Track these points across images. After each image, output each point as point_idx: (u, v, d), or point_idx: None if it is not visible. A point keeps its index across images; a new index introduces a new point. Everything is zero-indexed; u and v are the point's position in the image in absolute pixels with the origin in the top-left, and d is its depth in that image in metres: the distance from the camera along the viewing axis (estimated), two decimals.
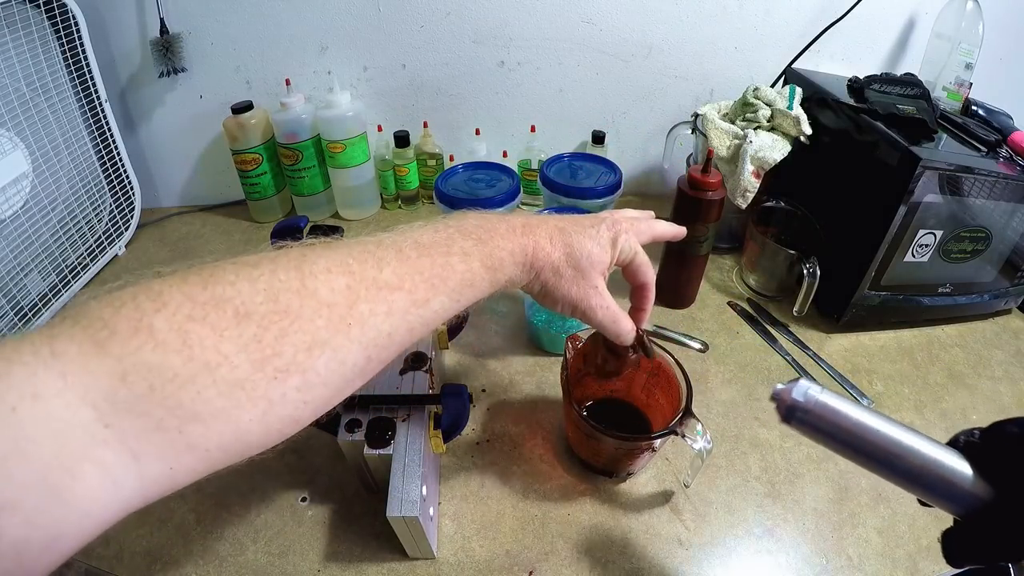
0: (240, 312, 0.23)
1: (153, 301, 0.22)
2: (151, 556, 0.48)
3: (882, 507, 0.52)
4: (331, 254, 0.27)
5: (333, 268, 0.26)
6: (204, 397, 0.21)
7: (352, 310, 0.26)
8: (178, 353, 0.21)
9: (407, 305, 0.28)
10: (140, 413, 0.20)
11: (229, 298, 0.23)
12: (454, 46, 0.86)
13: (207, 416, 0.21)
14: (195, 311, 0.22)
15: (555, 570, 0.47)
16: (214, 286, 0.23)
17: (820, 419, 0.30)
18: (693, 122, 0.82)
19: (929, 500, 0.30)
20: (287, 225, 0.53)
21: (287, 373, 0.23)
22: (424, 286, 0.29)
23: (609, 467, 0.53)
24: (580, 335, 0.53)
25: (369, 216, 0.94)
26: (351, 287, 0.26)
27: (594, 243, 0.37)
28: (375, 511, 0.50)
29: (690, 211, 0.66)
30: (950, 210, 0.63)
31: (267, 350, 0.23)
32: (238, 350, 0.22)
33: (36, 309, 0.71)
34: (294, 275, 0.25)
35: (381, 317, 0.27)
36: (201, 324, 0.22)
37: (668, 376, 0.52)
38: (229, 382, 0.22)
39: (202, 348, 0.21)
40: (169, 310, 0.22)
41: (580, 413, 0.48)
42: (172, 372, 0.21)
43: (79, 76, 0.76)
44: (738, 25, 0.84)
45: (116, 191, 0.85)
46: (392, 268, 0.28)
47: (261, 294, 0.24)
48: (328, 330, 0.25)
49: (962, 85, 0.76)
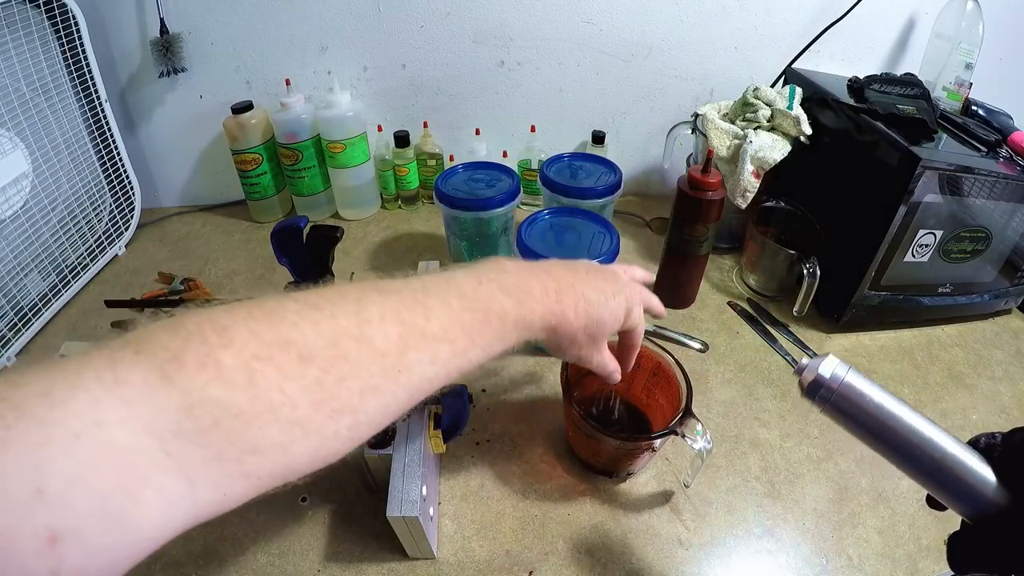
0: (304, 355, 0.24)
1: (220, 336, 0.23)
2: (151, 556, 0.48)
3: (882, 507, 0.52)
4: (384, 301, 0.29)
5: (387, 316, 0.28)
6: (265, 432, 0.22)
7: (402, 358, 0.28)
8: (245, 391, 0.22)
9: (449, 355, 0.30)
10: (202, 444, 0.21)
11: (293, 340, 0.24)
12: (454, 46, 0.86)
13: (265, 449, 0.22)
14: (261, 351, 0.23)
15: (555, 570, 0.47)
16: (279, 326, 0.24)
17: (843, 399, 0.29)
18: (693, 122, 0.82)
19: (942, 498, 0.29)
20: (287, 225, 0.53)
21: (341, 414, 0.25)
22: (464, 339, 0.31)
23: (609, 467, 0.53)
24: None
25: (369, 216, 0.94)
26: (402, 336, 0.28)
27: (610, 316, 0.40)
28: (375, 511, 0.50)
29: (690, 211, 0.66)
30: (950, 210, 0.63)
31: (326, 393, 0.24)
32: (300, 391, 0.23)
33: (36, 309, 0.71)
34: (353, 321, 0.27)
35: (426, 365, 0.29)
36: (267, 364, 0.23)
37: (668, 376, 0.52)
38: (290, 420, 0.23)
39: (267, 388, 0.22)
40: (236, 347, 0.23)
41: (580, 413, 0.48)
42: (238, 409, 0.22)
43: (79, 76, 0.76)
44: (738, 25, 0.84)
45: (116, 191, 0.85)
46: (439, 320, 0.30)
47: (324, 338, 0.25)
48: (381, 377, 0.27)
49: (962, 85, 0.76)
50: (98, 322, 0.72)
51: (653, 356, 0.54)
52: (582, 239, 0.62)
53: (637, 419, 0.57)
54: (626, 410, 0.58)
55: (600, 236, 0.63)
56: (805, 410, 0.62)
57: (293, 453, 0.23)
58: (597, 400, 0.59)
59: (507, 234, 0.75)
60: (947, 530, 0.30)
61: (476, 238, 0.74)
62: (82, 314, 0.74)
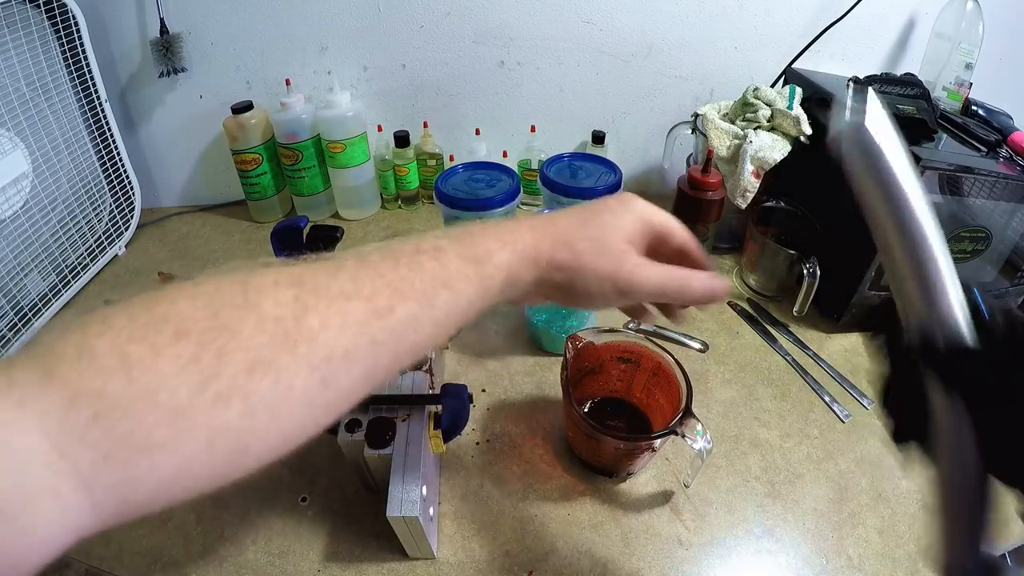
0: (180, 330, 0.21)
1: (99, 324, 0.21)
2: (151, 556, 0.48)
3: (882, 507, 0.52)
4: (285, 267, 0.24)
5: (281, 280, 0.24)
6: (145, 426, 0.20)
7: (299, 324, 0.23)
8: (119, 377, 0.20)
9: (365, 316, 0.24)
10: (89, 443, 0.20)
11: (170, 317, 0.22)
12: (454, 46, 0.85)
13: (152, 447, 0.20)
14: (135, 332, 0.21)
15: (555, 570, 0.47)
16: (156, 306, 0.22)
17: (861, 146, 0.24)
18: (693, 122, 0.82)
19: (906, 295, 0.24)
20: (287, 225, 0.53)
21: (229, 399, 0.21)
22: (387, 291, 0.25)
23: (609, 467, 0.53)
24: (580, 335, 0.53)
25: (369, 216, 0.94)
26: (299, 298, 0.23)
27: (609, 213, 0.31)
28: (375, 511, 0.50)
29: (690, 211, 0.66)
30: (950, 210, 0.63)
31: (206, 371, 0.21)
32: (176, 371, 0.21)
33: (36, 309, 0.71)
34: (238, 289, 0.23)
35: (334, 332, 0.23)
36: (140, 344, 0.21)
37: (668, 376, 0.52)
38: (170, 409, 0.20)
39: (141, 370, 0.20)
40: (112, 332, 0.21)
41: (580, 413, 0.48)
42: (114, 398, 0.20)
43: (79, 76, 0.76)
44: (738, 25, 0.84)
45: (116, 191, 0.85)
46: (349, 275, 0.24)
47: (201, 311, 0.22)
48: (272, 348, 0.22)
49: (962, 85, 0.76)
50: None
51: (653, 356, 0.54)
52: None
53: (637, 419, 0.57)
54: (626, 410, 0.58)
55: None
56: (805, 410, 0.62)
57: (184, 452, 0.21)
58: (597, 400, 0.59)
59: None
60: None
61: None
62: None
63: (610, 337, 0.54)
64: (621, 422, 0.57)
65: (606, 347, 0.55)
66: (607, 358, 0.56)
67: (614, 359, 0.56)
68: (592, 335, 0.54)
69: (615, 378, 0.58)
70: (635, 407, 0.58)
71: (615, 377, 0.58)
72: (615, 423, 0.57)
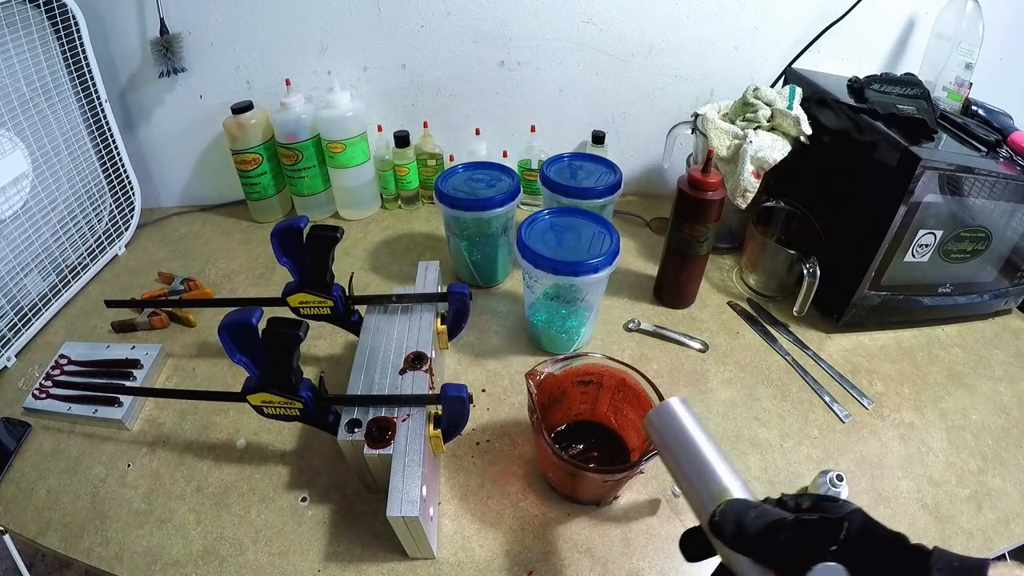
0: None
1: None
2: (151, 556, 0.48)
3: (882, 507, 0.52)
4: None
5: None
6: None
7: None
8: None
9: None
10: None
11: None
12: (454, 46, 0.85)
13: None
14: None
15: (555, 570, 0.47)
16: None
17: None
18: (693, 122, 0.82)
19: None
20: (287, 225, 0.53)
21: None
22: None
23: (595, 499, 0.52)
24: (538, 369, 0.50)
25: (369, 216, 0.94)
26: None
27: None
28: (375, 511, 0.50)
29: (690, 211, 0.66)
30: (950, 210, 0.63)
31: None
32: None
33: (36, 309, 0.71)
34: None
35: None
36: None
37: (634, 390, 0.51)
38: None
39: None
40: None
41: (563, 456, 0.45)
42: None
43: (79, 76, 0.76)
44: (738, 25, 0.84)
45: (116, 191, 0.85)
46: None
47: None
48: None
49: (962, 85, 0.76)
50: (98, 322, 0.72)
51: (615, 373, 0.52)
52: (582, 239, 0.62)
53: (607, 438, 0.55)
54: (594, 431, 0.56)
55: (600, 236, 0.63)
56: (805, 410, 0.62)
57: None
58: (562, 428, 0.57)
59: (507, 234, 0.75)
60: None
61: (476, 238, 0.74)
62: (82, 314, 0.74)
63: (568, 364, 0.52)
64: (592, 447, 0.55)
65: (566, 374, 0.53)
66: (568, 384, 0.54)
67: (575, 383, 0.54)
68: (550, 366, 0.51)
69: (578, 401, 0.56)
70: (603, 426, 0.56)
71: (577, 400, 0.56)
72: (588, 450, 0.55)
